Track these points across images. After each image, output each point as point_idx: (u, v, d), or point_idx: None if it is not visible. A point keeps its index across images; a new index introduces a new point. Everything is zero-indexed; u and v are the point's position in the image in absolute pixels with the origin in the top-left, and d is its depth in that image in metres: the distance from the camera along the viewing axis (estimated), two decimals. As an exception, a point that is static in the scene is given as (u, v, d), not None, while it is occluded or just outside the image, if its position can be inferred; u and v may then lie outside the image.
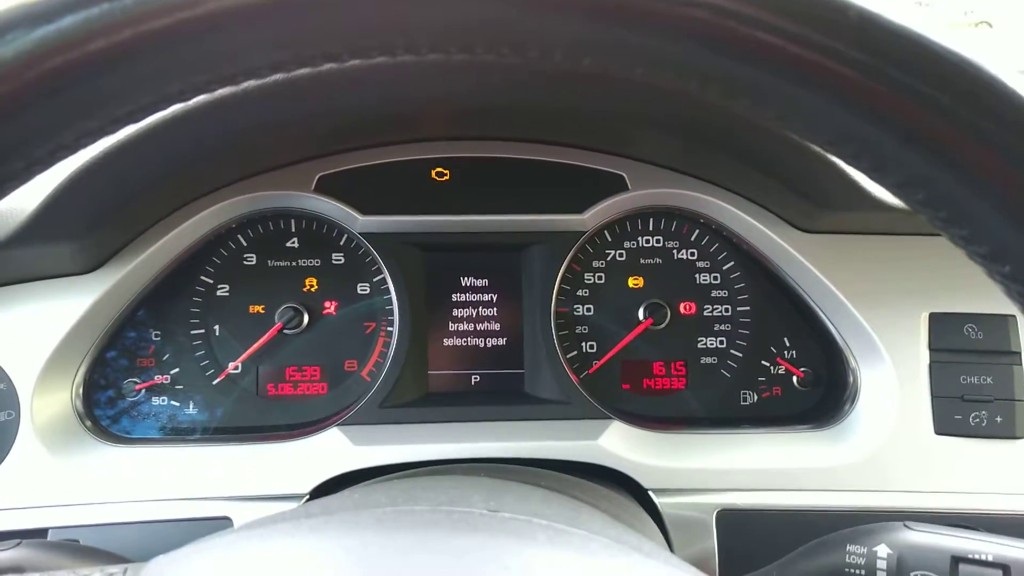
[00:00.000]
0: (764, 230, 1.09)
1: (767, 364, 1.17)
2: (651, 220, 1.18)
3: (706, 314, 1.18)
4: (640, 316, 1.15)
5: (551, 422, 1.07)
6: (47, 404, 1.00)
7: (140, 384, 1.11)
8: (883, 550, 0.76)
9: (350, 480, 0.97)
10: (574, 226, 1.12)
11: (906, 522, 0.79)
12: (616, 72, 0.37)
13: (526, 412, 1.09)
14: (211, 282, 1.13)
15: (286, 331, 1.12)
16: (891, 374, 1.04)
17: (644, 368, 1.17)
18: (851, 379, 1.09)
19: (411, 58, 0.36)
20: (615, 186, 1.11)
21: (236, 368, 1.13)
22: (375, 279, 1.15)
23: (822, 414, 1.11)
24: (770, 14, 0.33)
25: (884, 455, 1.02)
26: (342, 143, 1.09)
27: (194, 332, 1.13)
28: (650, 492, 0.99)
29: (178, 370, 1.12)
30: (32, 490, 0.96)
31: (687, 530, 0.98)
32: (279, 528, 0.50)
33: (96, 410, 1.09)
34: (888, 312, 1.05)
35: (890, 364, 1.04)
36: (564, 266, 1.14)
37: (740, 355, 1.17)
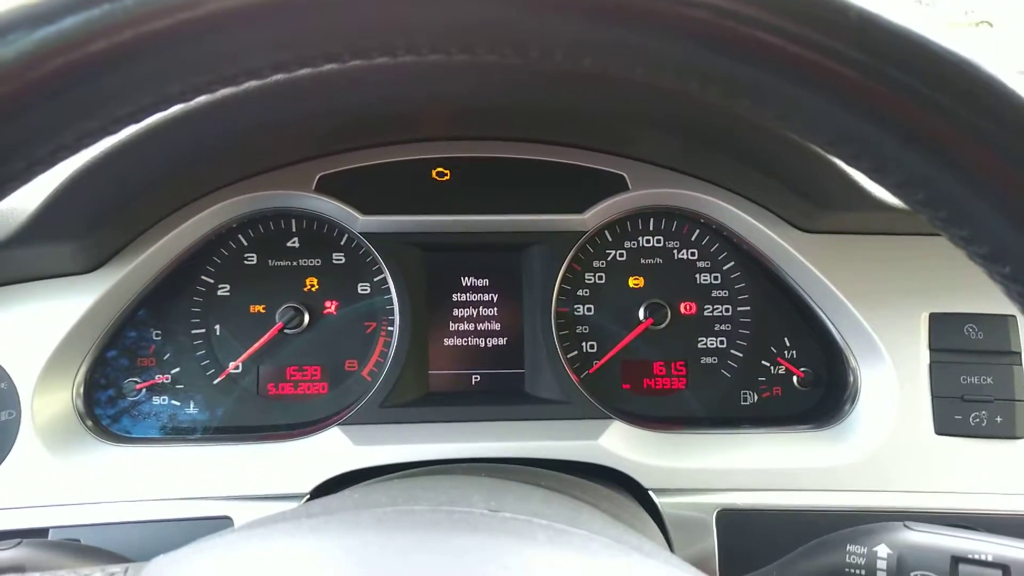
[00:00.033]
0: (764, 230, 1.09)
1: (767, 364, 1.17)
2: (651, 220, 1.18)
3: (706, 314, 1.18)
4: (640, 316, 1.16)
5: (551, 422, 1.07)
6: (48, 403, 1.00)
7: (141, 384, 1.11)
8: (883, 550, 0.76)
9: (350, 480, 0.97)
10: (575, 226, 1.12)
11: (906, 522, 0.79)
12: (616, 72, 0.37)
13: (526, 412, 1.09)
14: (212, 282, 1.13)
15: (287, 331, 1.12)
16: (891, 374, 1.04)
17: (644, 368, 1.17)
18: (851, 379, 1.09)
19: (412, 58, 0.36)
20: (615, 186, 1.11)
21: (237, 368, 1.13)
22: (376, 279, 1.15)
23: (822, 414, 1.11)
24: (770, 14, 0.33)
25: (884, 455, 1.02)
26: (343, 143, 1.09)
27: (195, 332, 1.13)
28: (650, 492, 0.99)
29: (179, 370, 1.12)
30: (33, 489, 0.96)
31: (687, 530, 0.98)
32: (279, 528, 0.50)
33: (97, 409, 1.09)
34: (888, 312, 1.05)
35: (890, 364, 1.04)
36: (564, 266, 1.14)
37: (740, 355, 1.17)
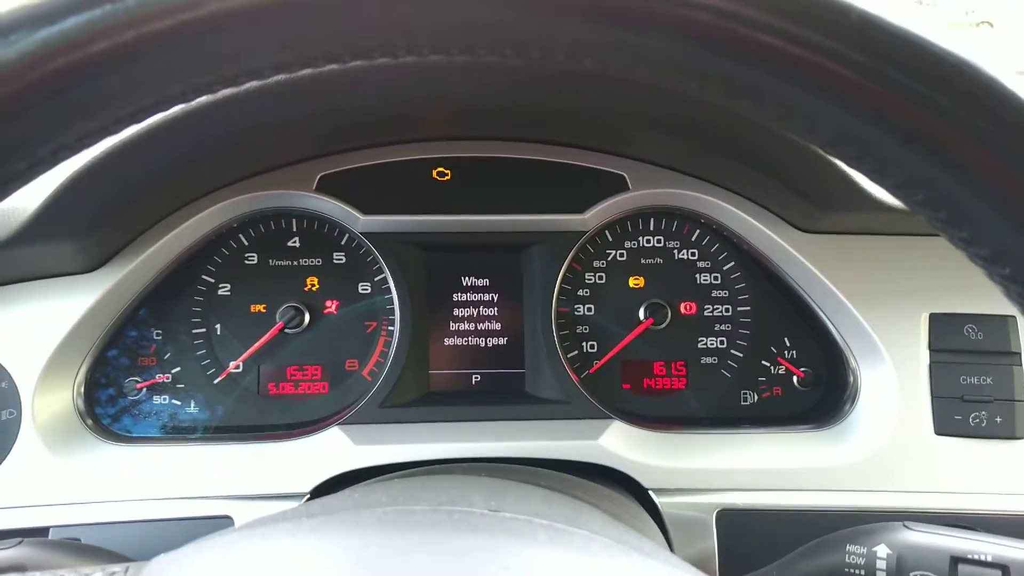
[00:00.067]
0: (764, 230, 1.09)
1: (767, 364, 1.17)
2: (652, 220, 1.18)
3: (706, 314, 1.18)
4: (641, 316, 1.16)
5: (552, 422, 1.07)
6: (48, 403, 1.00)
7: (141, 383, 1.11)
8: (883, 550, 0.76)
9: (351, 479, 0.97)
10: (575, 226, 1.13)
11: (906, 522, 0.79)
12: (617, 73, 0.37)
13: (527, 412, 1.09)
14: (212, 281, 1.13)
15: (287, 330, 1.12)
16: (891, 374, 1.04)
17: (644, 368, 1.17)
18: (851, 379, 1.09)
19: (413, 59, 0.36)
20: (616, 186, 1.11)
21: (237, 367, 1.13)
22: (376, 278, 1.15)
23: (822, 414, 1.11)
24: (771, 16, 0.33)
25: (884, 455, 1.02)
26: (343, 143, 1.09)
27: (195, 331, 1.13)
28: (650, 492, 1.00)
29: (179, 369, 1.12)
30: (33, 489, 0.96)
31: (687, 530, 0.98)
32: (280, 527, 0.50)
33: (97, 409, 1.09)
34: (888, 312, 1.05)
35: (890, 364, 1.04)
36: (565, 266, 1.14)
37: (740, 355, 1.17)
